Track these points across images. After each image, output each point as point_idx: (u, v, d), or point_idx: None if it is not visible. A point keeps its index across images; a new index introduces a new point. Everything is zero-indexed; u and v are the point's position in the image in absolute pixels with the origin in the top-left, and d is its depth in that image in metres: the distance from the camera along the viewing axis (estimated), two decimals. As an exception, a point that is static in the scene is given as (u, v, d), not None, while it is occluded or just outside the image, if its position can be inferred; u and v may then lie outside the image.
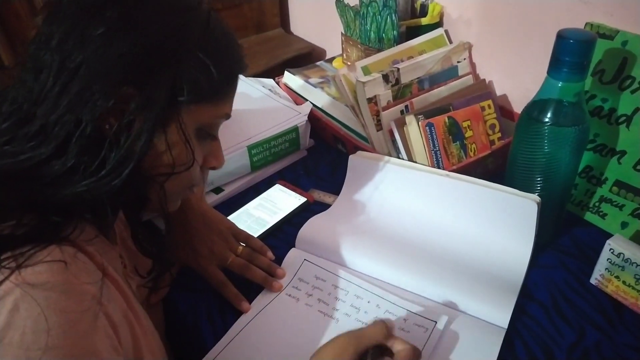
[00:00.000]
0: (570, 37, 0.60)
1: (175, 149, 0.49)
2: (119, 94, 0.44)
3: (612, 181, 0.76)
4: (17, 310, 0.38)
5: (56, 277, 0.40)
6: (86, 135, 0.43)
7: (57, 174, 0.43)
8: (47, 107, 0.43)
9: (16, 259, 0.39)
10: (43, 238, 0.42)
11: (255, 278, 0.69)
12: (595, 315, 0.66)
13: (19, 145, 0.44)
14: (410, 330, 0.63)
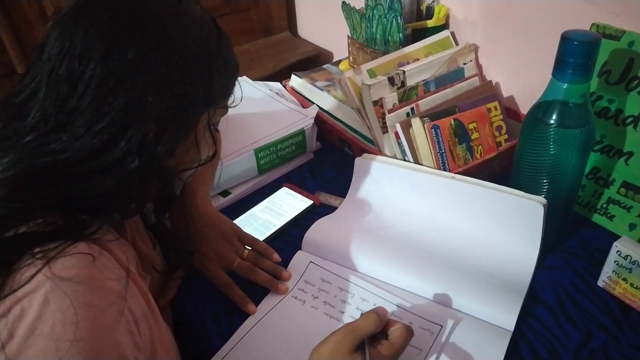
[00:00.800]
0: (574, 39, 0.60)
1: (201, 146, 0.56)
2: (161, 106, 0.49)
3: (619, 182, 0.75)
4: (48, 302, 0.39)
5: (83, 271, 0.42)
6: (132, 141, 0.47)
7: (91, 170, 0.46)
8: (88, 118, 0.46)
9: (46, 254, 0.41)
10: (70, 235, 0.44)
11: (261, 281, 0.70)
12: (602, 317, 0.66)
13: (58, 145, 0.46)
14: (416, 333, 0.63)
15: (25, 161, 0.45)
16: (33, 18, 1.06)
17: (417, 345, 0.61)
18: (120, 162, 0.47)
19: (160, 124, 0.50)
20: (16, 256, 0.41)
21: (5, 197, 0.44)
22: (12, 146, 0.46)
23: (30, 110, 0.47)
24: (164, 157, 0.50)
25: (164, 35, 0.49)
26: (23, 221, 0.43)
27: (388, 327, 0.54)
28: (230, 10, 1.33)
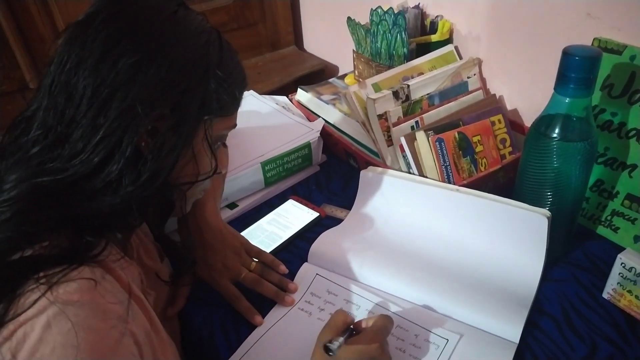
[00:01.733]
0: (575, 54, 0.61)
1: (199, 159, 0.55)
2: (155, 116, 0.48)
3: (623, 195, 0.76)
4: (50, 326, 0.40)
5: (85, 295, 0.43)
6: (126, 154, 0.47)
7: (94, 189, 0.47)
8: (85, 129, 0.46)
9: (49, 279, 0.42)
10: (75, 259, 0.44)
11: (267, 293, 0.71)
12: (608, 330, 0.66)
13: (58, 164, 0.46)
14: (421, 346, 0.63)
15: (28, 181, 0.46)
16: (45, 34, 1.08)
17: (423, 359, 0.62)
18: (120, 177, 0.47)
19: (156, 135, 0.49)
20: (21, 280, 0.42)
21: (12, 218, 0.44)
22: (18, 161, 0.47)
23: (33, 124, 0.48)
24: (165, 171, 0.50)
25: (157, 44, 0.49)
26: (29, 243, 0.44)
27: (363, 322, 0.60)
28: (238, 26, 1.35)
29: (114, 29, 0.48)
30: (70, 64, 0.47)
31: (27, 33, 1.06)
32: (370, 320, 0.59)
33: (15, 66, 1.07)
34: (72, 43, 0.48)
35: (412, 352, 0.62)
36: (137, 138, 0.47)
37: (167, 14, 0.51)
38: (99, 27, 0.48)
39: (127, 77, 0.47)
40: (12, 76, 1.08)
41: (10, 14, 1.02)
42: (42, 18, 1.07)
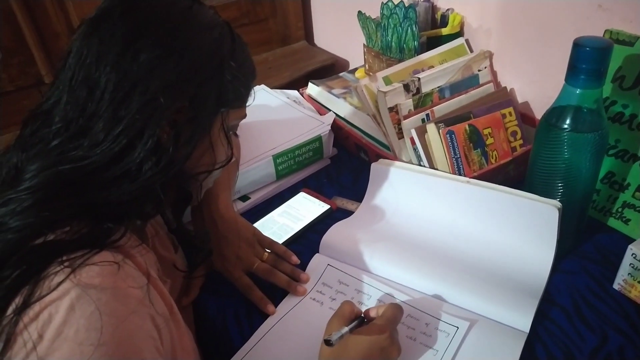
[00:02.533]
0: (586, 45, 0.61)
1: (216, 149, 0.57)
2: (175, 108, 0.50)
3: (634, 187, 0.76)
4: (73, 309, 0.41)
5: (107, 279, 0.44)
6: (147, 144, 0.48)
7: (114, 176, 0.48)
8: (106, 122, 0.47)
9: (72, 263, 0.43)
10: (95, 244, 0.46)
11: (280, 282, 0.72)
12: (619, 320, 0.66)
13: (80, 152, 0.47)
14: (431, 334, 0.64)
15: (50, 169, 0.47)
16: (60, 30, 1.10)
17: (434, 346, 0.63)
18: (139, 167, 0.49)
19: (175, 127, 0.51)
20: (45, 264, 0.43)
21: (34, 206, 0.46)
22: (38, 153, 0.48)
23: (54, 117, 0.49)
24: (181, 161, 0.52)
25: (174, 38, 0.50)
26: (51, 229, 0.45)
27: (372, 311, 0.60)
28: (249, 21, 1.36)
29: (133, 24, 0.49)
30: (90, 59, 0.48)
31: (43, 29, 1.08)
32: (381, 308, 0.60)
33: (31, 62, 1.09)
34: (89, 38, 0.49)
35: (422, 340, 0.63)
36: (158, 130, 0.49)
37: (183, 9, 0.53)
38: (117, 22, 0.49)
39: (147, 71, 0.48)
40: (28, 71, 1.10)
41: (26, 10, 1.04)
42: (58, 14, 1.08)
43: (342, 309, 0.59)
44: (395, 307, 0.60)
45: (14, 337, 0.41)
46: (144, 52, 0.48)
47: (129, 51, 0.48)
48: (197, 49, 0.51)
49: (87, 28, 0.50)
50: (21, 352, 0.40)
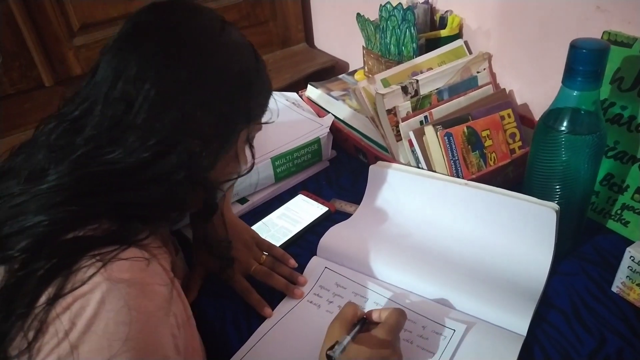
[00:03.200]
0: (582, 47, 0.61)
1: (239, 159, 0.61)
2: (207, 123, 0.53)
3: (633, 188, 0.75)
4: (103, 302, 0.43)
5: (136, 274, 0.46)
6: (180, 155, 0.51)
7: (143, 180, 0.50)
8: (142, 133, 0.50)
9: (103, 257, 0.44)
10: (124, 241, 0.47)
11: (277, 285, 0.72)
12: (617, 323, 0.66)
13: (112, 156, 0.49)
14: (429, 337, 0.64)
15: (81, 169, 0.49)
16: (61, 34, 1.10)
17: (430, 349, 0.63)
18: (169, 173, 0.51)
19: (205, 139, 0.53)
20: (76, 257, 0.44)
21: (65, 202, 0.47)
22: (66, 155, 0.50)
23: (85, 126, 0.51)
24: (208, 170, 0.55)
25: (210, 59, 0.53)
26: (80, 226, 0.47)
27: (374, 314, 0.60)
28: (249, 24, 1.36)
29: (173, 45, 0.52)
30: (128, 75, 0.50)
31: (44, 33, 1.08)
32: (384, 312, 0.59)
33: (32, 65, 1.09)
34: (128, 55, 0.51)
35: (419, 343, 0.63)
36: (190, 142, 0.52)
37: (216, 31, 0.55)
38: (157, 42, 0.52)
39: (185, 89, 0.51)
40: (29, 75, 1.10)
41: (27, 14, 1.04)
42: (58, 18, 1.09)
43: (345, 312, 0.59)
44: (399, 312, 0.59)
45: (46, 326, 0.42)
46: (182, 71, 0.51)
47: (169, 70, 0.51)
48: (230, 69, 0.55)
49: (123, 44, 0.52)
50: (52, 340, 0.42)
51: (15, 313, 0.42)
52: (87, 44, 1.14)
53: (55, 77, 1.13)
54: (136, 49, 0.51)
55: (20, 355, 0.42)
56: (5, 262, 0.45)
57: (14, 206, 0.47)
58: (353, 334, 0.56)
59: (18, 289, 0.43)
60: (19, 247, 0.45)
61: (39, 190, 0.48)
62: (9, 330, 0.42)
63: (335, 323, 0.58)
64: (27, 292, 0.43)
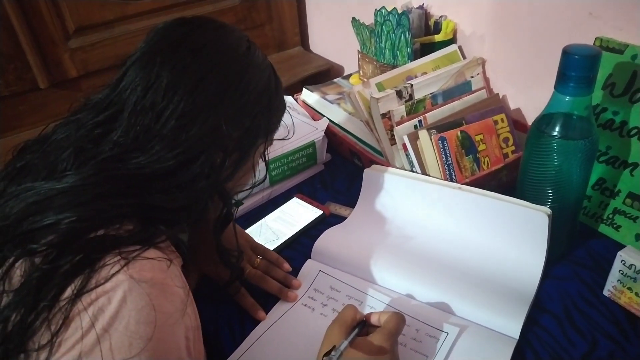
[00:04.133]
0: (575, 53, 0.62)
1: (255, 171, 0.63)
2: (230, 136, 0.55)
3: (625, 193, 0.76)
4: (125, 301, 0.44)
5: (158, 275, 0.47)
6: (203, 166, 0.53)
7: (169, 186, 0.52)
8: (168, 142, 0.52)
9: (126, 256, 0.45)
10: (147, 242, 0.48)
11: (271, 289, 0.72)
12: (609, 327, 0.66)
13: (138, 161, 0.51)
14: (422, 340, 0.64)
15: (107, 172, 0.50)
16: (56, 36, 1.10)
17: (423, 352, 0.63)
18: (191, 181, 0.53)
19: (227, 151, 0.56)
20: (101, 255, 0.45)
21: (91, 201, 0.48)
22: (90, 158, 0.52)
23: (110, 131, 0.53)
24: (227, 180, 0.57)
25: (238, 77, 0.56)
26: (104, 226, 0.48)
27: (373, 316, 0.60)
28: (245, 27, 1.37)
29: (203, 62, 0.54)
30: (159, 86, 0.52)
31: (39, 35, 1.08)
32: (383, 316, 0.59)
33: (27, 67, 1.09)
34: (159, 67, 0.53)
35: (413, 345, 0.64)
36: (214, 154, 0.54)
37: (244, 50, 0.58)
38: (188, 57, 0.54)
39: (213, 104, 0.54)
40: (24, 77, 1.10)
41: (22, 16, 1.04)
42: (54, 20, 1.09)
43: (344, 315, 0.59)
44: (398, 317, 0.59)
45: (69, 321, 0.43)
46: (211, 87, 0.54)
47: (200, 85, 0.53)
48: (254, 87, 0.57)
49: (154, 56, 0.54)
50: (74, 335, 0.42)
51: (41, 305, 0.43)
52: (83, 47, 1.14)
53: (50, 80, 1.13)
54: (168, 62, 0.53)
55: (40, 349, 0.42)
56: (28, 256, 0.46)
57: (35, 203, 0.48)
58: (351, 338, 0.56)
59: (43, 282, 0.44)
60: (45, 241, 0.46)
61: (63, 189, 0.49)
62: (33, 322, 0.43)
63: (334, 326, 0.58)
64: (53, 286, 0.44)
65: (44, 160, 0.53)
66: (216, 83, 0.54)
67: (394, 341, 0.57)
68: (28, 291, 0.44)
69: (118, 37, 1.17)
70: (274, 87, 0.61)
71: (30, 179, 0.52)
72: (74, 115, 0.57)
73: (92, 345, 0.42)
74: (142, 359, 0.43)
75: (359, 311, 0.61)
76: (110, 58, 1.16)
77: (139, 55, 0.55)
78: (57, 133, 0.56)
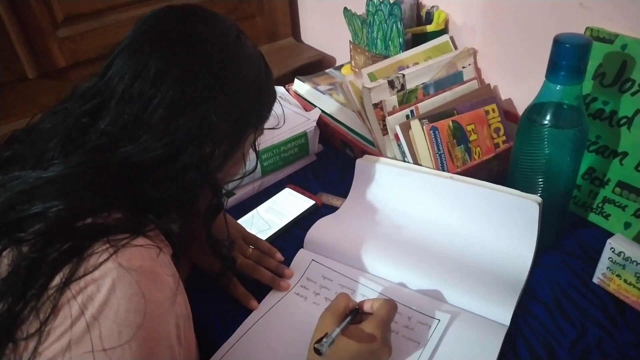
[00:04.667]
0: (566, 42, 0.62)
1: (245, 161, 0.63)
2: (220, 127, 0.54)
3: (614, 182, 0.77)
4: (114, 289, 0.43)
5: (147, 263, 0.46)
6: (192, 155, 0.53)
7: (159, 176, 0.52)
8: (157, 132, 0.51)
9: (115, 244, 0.45)
10: (134, 230, 0.48)
11: (263, 279, 0.72)
12: (597, 314, 0.67)
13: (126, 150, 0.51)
14: (414, 327, 0.65)
15: (95, 161, 0.50)
16: (44, 26, 1.09)
17: (415, 339, 0.63)
18: (181, 171, 0.53)
19: (217, 142, 0.55)
20: (88, 243, 0.45)
21: (79, 189, 0.48)
22: (77, 147, 0.51)
23: (97, 120, 0.52)
24: (217, 170, 0.57)
25: (227, 67, 0.55)
26: (93, 214, 0.47)
27: (366, 304, 0.61)
28: (236, 18, 1.35)
29: (193, 51, 0.53)
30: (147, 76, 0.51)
31: (27, 25, 1.06)
32: (376, 303, 0.60)
33: (14, 58, 1.07)
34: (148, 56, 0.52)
35: (405, 333, 0.64)
36: (203, 144, 0.54)
37: (234, 39, 0.57)
38: (177, 46, 0.53)
39: (203, 94, 0.53)
40: (12, 67, 1.08)
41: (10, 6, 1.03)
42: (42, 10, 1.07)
43: (337, 303, 0.59)
44: (390, 305, 0.59)
45: (58, 309, 0.43)
46: (200, 76, 0.53)
47: (188, 74, 0.52)
48: (244, 77, 0.57)
49: (142, 45, 0.53)
50: (64, 324, 0.42)
51: (29, 294, 0.43)
52: (72, 36, 1.13)
53: (38, 70, 1.11)
54: (157, 50, 0.52)
55: (29, 338, 0.42)
56: (16, 245, 0.45)
57: (24, 191, 0.48)
58: (343, 326, 0.56)
59: (32, 270, 0.44)
60: (33, 230, 0.45)
61: (51, 177, 0.48)
62: (21, 311, 0.43)
63: (327, 314, 0.58)
64: (41, 274, 0.43)
65: (31, 150, 0.53)
66: (205, 72, 0.53)
67: (385, 328, 0.57)
68: (16, 280, 0.44)
69: (107, 26, 1.16)
70: (264, 77, 0.61)
71: (17, 168, 0.52)
72: (62, 104, 0.56)
73: (81, 334, 0.42)
74: (131, 347, 0.43)
75: (351, 299, 0.61)
76: (100, 48, 1.14)
77: (127, 43, 0.54)
78: (45, 122, 0.55)
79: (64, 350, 0.42)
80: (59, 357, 0.42)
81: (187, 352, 0.53)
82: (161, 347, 0.46)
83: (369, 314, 0.60)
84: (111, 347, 0.42)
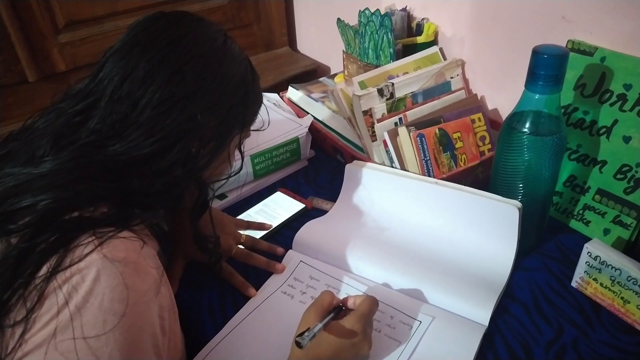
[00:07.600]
0: (544, 53, 0.65)
1: (230, 161, 0.65)
2: (207, 126, 0.57)
3: (594, 190, 0.79)
4: (99, 279, 0.45)
5: (131, 254, 0.48)
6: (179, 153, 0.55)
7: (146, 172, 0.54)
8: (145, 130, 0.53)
9: (101, 236, 0.47)
10: (119, 224, 0.50)
11: (259, 264, 0.77)
12: (574, 315, 0.69)
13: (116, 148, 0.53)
14: (396, 326, 0.67)
15: (84, 157, 0.52)
16: (45, 30, 1.12)
17: (397, 338, 0.65)
18: (168, 168, 0.54)
19: (203, 141, 0.57)
20: (75, 235, 0.47)
21: (69, 184, 0.50)
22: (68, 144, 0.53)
23: (88, 119, 0.54)
24: (203, 169, 0.59)
25: (214, 69, 0.57)
26: (80, 208, 0.49)
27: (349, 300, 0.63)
28: (234, 26, 1.39)
29: (181, 53, 0.55)
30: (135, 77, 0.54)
31: (28, 28, 1.09)
32: (358, 299, 0.62)
33: (15, 60, 1.10)
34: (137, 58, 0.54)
35: (387, 332, 0.66)
36: (190, 143, 0.56)
37: (220, 43, 0.60)
38: (166, 49, 0.55)
39: (190, 94, 0.55)
40: (13, 69, 1.11)
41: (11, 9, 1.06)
42: (43, 13, 1.10)
43: (321, 299, 0.61)
44: (371, 300, 0.62)
45: (44, 298, 0.44)
46: (188, 78, 0.55)
47: (177, 76, 0.54)
48: (230, 79, 0.59)
49: (132, 48, 0.55)
50: (49, 312, 0.44)
51: (17, 282, 0.44)
52: (72, 41, 1.16)
53: (39, 73, 1.14)
54: (145, 53, 0.55)
55: (16, 325, 0.44)
56: (6, 236, 0.47)
57: (15, 186, 0.50)
58: (325, 321, 0.58)
59: (20, 260, 0.45)
60: (23, 222, 0.47)
61: (42, 172, 0.50)
62: (9, 299, 0.44)
63: (311, 309, 0.60)
64: (30, 264, 0.45)
65: (25, 148, 0.55)
66: (193, 73, 0.55)
67: (365, 323, 0.59)
68: (5, 269, 0.45)
69: (107, 32, 1.19)
70: (250, 80, 0.63)
71: (11, 165, 0.54)
72: (56, 104, 0.58)
73: (67, 322, 0.44)
74: (115, 335, 0.45)
75: (335, 297, 0.63)
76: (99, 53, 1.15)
77: (118, 46, 0.57)
78: (39, 122, 0.57)
79: (50, 337, 0.43)
80: (44, 344, 0.43)
81: (172, 344, 0.55)
82: (144, 336, 0.48)
83: (352, 310, 0.62)
84: (96, 334, 0.44)
